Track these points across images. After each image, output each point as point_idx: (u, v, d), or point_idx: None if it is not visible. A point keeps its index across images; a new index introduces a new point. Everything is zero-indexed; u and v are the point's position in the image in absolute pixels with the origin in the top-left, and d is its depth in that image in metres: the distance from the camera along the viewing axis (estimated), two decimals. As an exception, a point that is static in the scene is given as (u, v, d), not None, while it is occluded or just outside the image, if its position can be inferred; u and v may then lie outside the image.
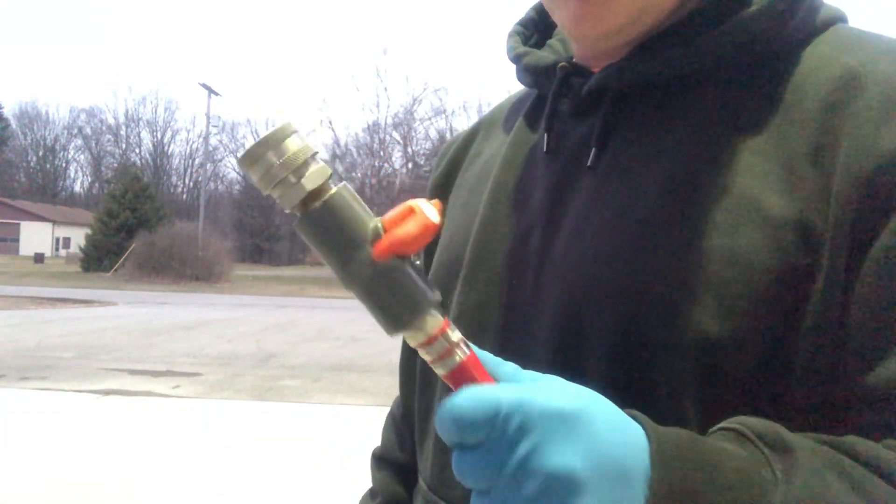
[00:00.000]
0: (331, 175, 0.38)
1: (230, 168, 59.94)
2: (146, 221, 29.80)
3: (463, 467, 0.37)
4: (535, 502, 0.35)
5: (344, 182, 0.39)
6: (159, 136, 61.13)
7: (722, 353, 0.46)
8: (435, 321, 0.39)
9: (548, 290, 0.53)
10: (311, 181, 0.37)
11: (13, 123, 61.68)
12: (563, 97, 0.59)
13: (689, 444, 0.40)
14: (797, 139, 0.48)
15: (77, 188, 66.78)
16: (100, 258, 29.98)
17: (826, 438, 0.44)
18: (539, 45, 0.67)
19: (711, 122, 0.51)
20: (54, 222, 53.54)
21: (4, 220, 52.34)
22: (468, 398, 0.36)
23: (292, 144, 0.37)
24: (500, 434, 0.35)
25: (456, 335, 0.39)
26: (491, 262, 0.58)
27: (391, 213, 0.39)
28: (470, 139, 0.73)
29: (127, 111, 61.87)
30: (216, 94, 31.58)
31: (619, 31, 0.54)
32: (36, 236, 51.68)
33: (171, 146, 61.64)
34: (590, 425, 0.36)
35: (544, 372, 0.41)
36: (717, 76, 0.52)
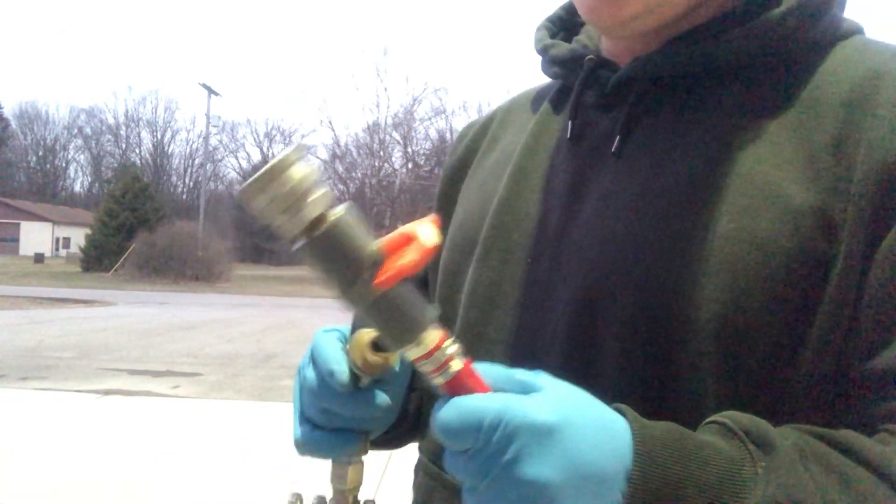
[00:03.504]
0: (333, 200, 0.39)
1: (230, 168, 59.98)
2: (146, 221, 29.79)
3: (453, 468, 0.42)
4: None
5: (347, 204, 0.40)
6: (159, 136, 61.15)
7: (740, 333, 0.47)
8: (433, 336, 0.41)
9: (567, 269, 0.54)
10: (315, 208, 0.38)
11: (13, 123, 61.70)
12: (589, 88, 0.61)
13: (673, 438, 0.42)
14: (819, 133, 0.50)
15: (77, 188, 66.84)
16: (100, 258, 29.97)
17: (820, 431, 0.45)
18: (565, 41, 0.68)
19: (736, 115, 0.53)
20: (54, 222, 53.53)
21: (4, 220, 52.33)
22: (453, 410, 0.40)
23: (295, 173, 0.38)
24: (485, 443, 0.39)
25: (452, 348, 0.41)
26: (507, 241, 0.60)
27: (390, 238, 0.40)
28: (486, 125, 0.75)
29: (127, 111, 61.80)
30: (216, 94, 31.60)
31: (635, 20, 0.55)
32: (36, 236, 51.67)
33: (171, 146, 61.63)
34: (567, 438, 0.39)
35: (561, 350, 0.48)
36: (742, 71, 0.54)
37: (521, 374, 0.42)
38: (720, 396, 0.48)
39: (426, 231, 0.40)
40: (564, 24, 0.70)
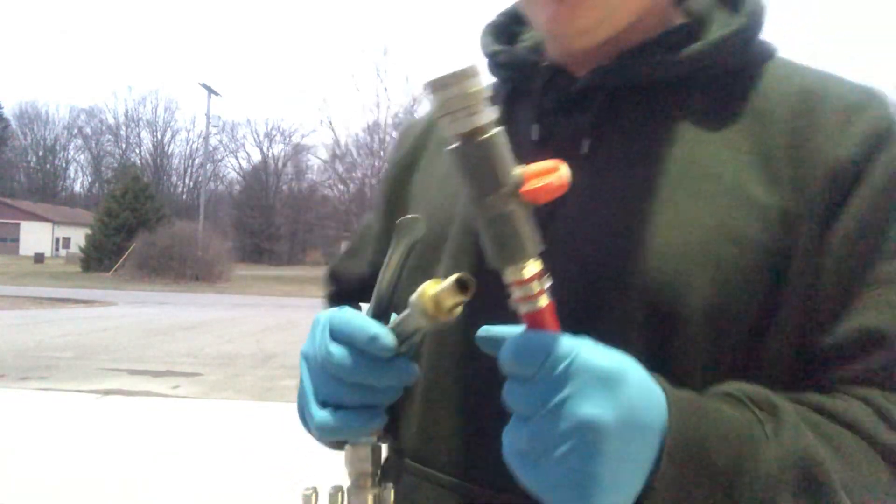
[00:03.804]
0: (496, 120, 0.43)
1: (230, 168, 60.01)
2: (146, 221, 29.81)
3: (512, 394, 0.45)
4: (566, 439, 0.42)
5: (503, 128, 0.43)
6: (159, 136, 61.16)
7: (724, 321, 0.53)
8: (535, 266, 0.44)
9: (557, 265, 0.55)
10: (480, 118, 0.42)
11: (13, 123, 61.71)
12: (547, 93, 0.65)
13: (698, 403, 0.48)
14: (772, 139, 0.57)
15: (77, 188, 66.82)
16: (100, 258, 29.97)
17: (794, 397, 0.52)
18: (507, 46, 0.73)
19: (696, 121, 0.60)
20: (54, 222, 53.54)
21: (4, 220, 52.34)
22: (529, 338, 0.44)
23: (475, 84, 0.42)
24: (547, 374, 0.43)
25: (545, 285, 0.45)
26: (472, 239, 0.62)
27: (534, 167, 0.44)
28: (432, 124, 0.78)
29: (127, 111, 61.80)
30: (216, 94, 31.57)
31: (589, 31, 0.60)
32: (36, 236, 51.68)
33: (171, 146, 61.63)
34: (623, 385, 0.43)
35: None
36: (696, 83, 0.61)
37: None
38: (705, 381, 0.53)
39: (566, 170, 0.44)
40: (504, 31, 0.74)
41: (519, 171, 0.43)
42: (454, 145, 0.43)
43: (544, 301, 0.45)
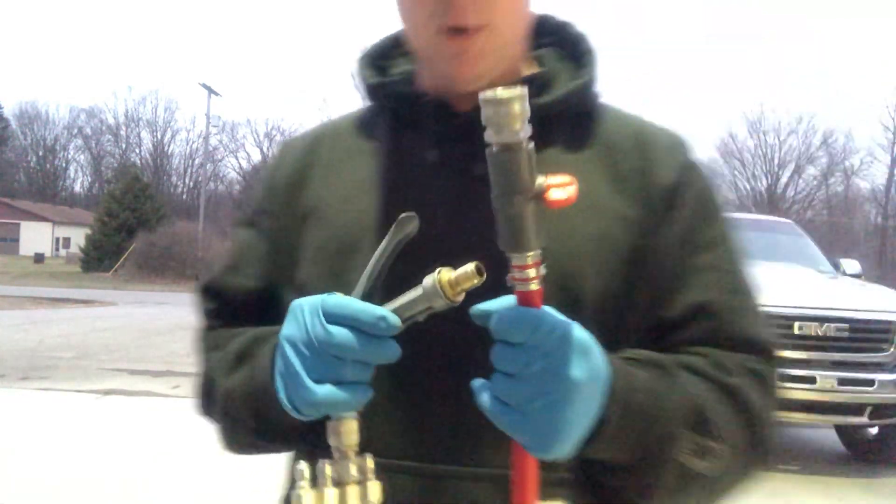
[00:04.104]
0: (530, 137, 0.54)
1: (230, 168, 59.99)
2: (146, 221, 29.81)
3: (502, 356, 0.55)
4: (548, 394, 0.54)
5: (533, 144, 0.54)
6: (159, 136, 61.04)
7: (605, 306, 0.70)
8: (536, 255, 0.54)
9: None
10: (520, 134, 0.53)
11: (13, 123, 61.63)
12: (435, 122, 0.78)
13: (625, 367, 0.63)
14: (622, 165, 0.75)
15: (77, 188, 66.70)
16: (100, 258, 29.98)
17: (663, 356, 0.69)
18: (378, 75, 0.85)
19: (562, 150, 0.77)
20: (54, 222, 53.56)
21: (4, 220, 52.37)
22: (522, 311, 0.55)
23: (520, 105, 0.52)
24: (539, 341, 0.54)
25: (539, 272, 0.55)
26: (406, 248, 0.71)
27: (554, 179, 0.54)
28: (314, 145, 0.86)
29: (127, 111, 61.47)
30: (216, 94, 31.60)
31: (481, 77, 0.73)
32: (36, 236, 51.70)
33: (171, 146, 61.46)
34: (592, 353, 0.57)
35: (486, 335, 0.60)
36: (557, 120, 0.77)
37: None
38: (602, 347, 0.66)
39: (573, 185, 0.54)
40: (374, 62, 0.86)
41: (542, 179, 0.53)
42: (494, 151, 0.53)
43: (536, 286, 0.55)
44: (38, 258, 38.60)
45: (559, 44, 0.83)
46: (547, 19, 0.84)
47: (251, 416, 0.72)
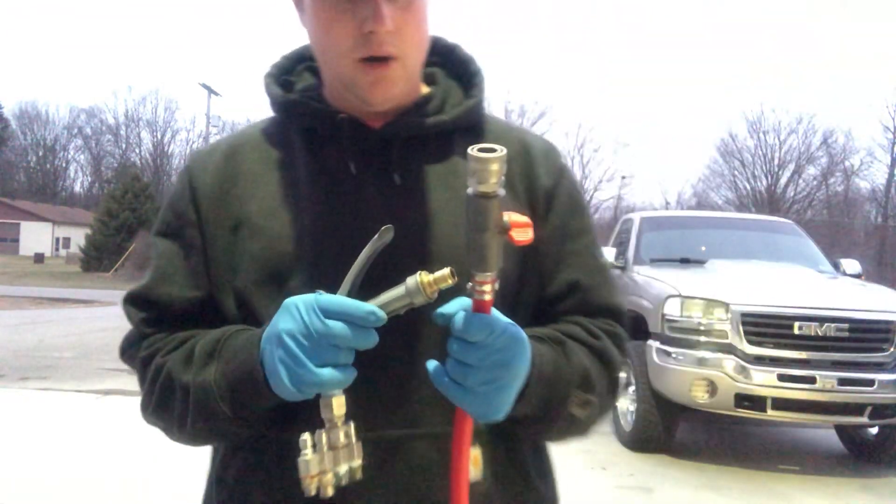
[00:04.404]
0: (502, 187, 0.67)
1: (230, 168, 59.77)
2: (146, 221, 29.77)
3: (462, 350, 0.71)
4: (496, 379, 0.72)
5: (504, 192, 0.68)
6: (159, 136, 60.99)
7: (510, 291, 0.86)
8: (494, 274, 0.69)
9: (407, 264, 0.78)
10: (495, 186, 0.66)
11: (13, 123, 61.57)
12: (352, 138, 0.89)
13: (538, 347, 0.80)
14: (510, 170, 0.79)
15: (77, 188, 66.63)
16: (100, 258, 29.99)
17: (553, 328, 0.88)
18: (284, 90, 0.96)
19: (463, 160, 0.81)
20: (54, 222, 53.56)
21: (4, 220, 52.36)
22: (480, 317, 0.70)
23: (499, 164, 0.66)
24: (493, 340, 0.71)
25: (494, 287, 0.70)
26: (342, 248, 0.82)
27: (517, 217, 0.69)
28: (234, 156, 0.93)
29: (127, 111, 61.33)
30: (216, 94, 31.54)
31: (394, 98, 0.88)
32: (36, 236, 51.69)
33: (171, 146, 61.39)
34: (526, 346, 0.76)
35: (409, 323, 0.77)
36: (456, 133, 0.92)
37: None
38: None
39: (530, 227, 0.69)
40: (279, 79, 0.97)
41: (507, 218, 0.68)
42: (472, 195, 0.67)
43: (489, 297, 0.70)
44: (38, 258, 38.61)
45: (443, 63, 0.98)
46: (437, 41, 0.96)
47: (228, 404, 0.79)
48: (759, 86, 75.57)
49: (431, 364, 0.74)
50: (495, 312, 0.72)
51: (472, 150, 0.65)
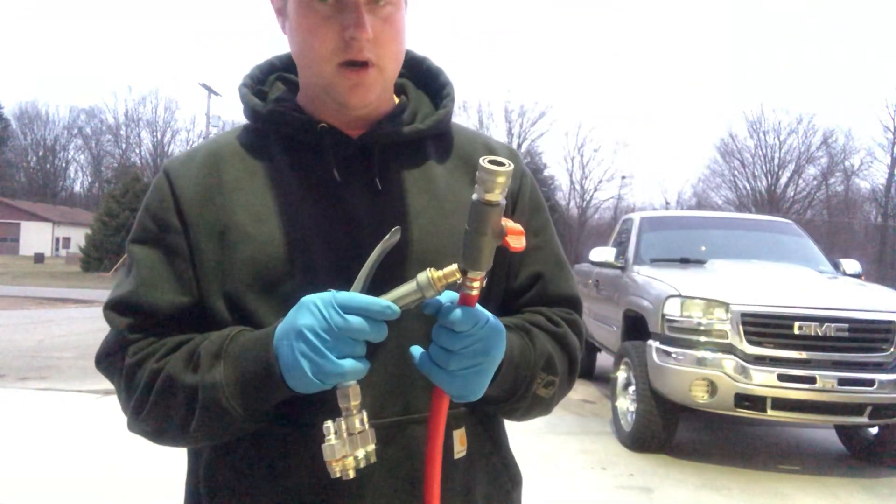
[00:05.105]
0: (504, 196, 0.74)
1: (230, 168, 59.70)
2: (146, 221, 29.66)
3: (449, 339, 0.78)
4: (477, 364, 0.80)
5: (505, 202, 0.74)
6: (159, 136, 60.90)
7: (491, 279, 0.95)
8: (484, 273, 0.76)
9: (402, 259, 0.89)
10: (499, 196, 0.73)
11: (13, 123, 61.55)
12: (332, 146, 0.93)
13: (510, 336, 0.87)
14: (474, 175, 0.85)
15: (77, 188, 66.63)
16: (100, 258, 29.97)
17: (521, 317, 0.98)
18: (259, 98, 1.01)
19: (435, 163, 1.00)
20: (54, 222, 53.55)
21: (4, 220, 52.35)
22: (468, 310, 0.77)
23: (505, 175, 0.71)
24: (478, 330, 0.78)
25: (483, 283, 0.77)
26: (336, 252, 0.90)
27: (512, 225, 0.76)
28: (215, 164, 0.96)
29: (127, 111, 61.26)
30: (216, 94, 31.52)
31: (370, 104, 0.93)
32: (36, 236, 51.69)
33: (171, 146, 61.36)
34: (503, 336, 0.83)
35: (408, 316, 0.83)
36: (428, 140, 1.00)
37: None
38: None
39: (523, 235, 0.77)
40: (254, 88, 1.02)
41: (504, 224, 0.74)
42: (477, 201, 0.73)
43: (476, 291, 0.77)
44: (38, 258, 38.59)
45: (411, 76, 1.05)
46: (406, 53, 1.00)
47: (240, 401, 0.82)
48: (759, 86, 75.54)
49: (416, 350, 0.81)
50: (479, 307, 0.79)
51: (484, 162, 0.71)
